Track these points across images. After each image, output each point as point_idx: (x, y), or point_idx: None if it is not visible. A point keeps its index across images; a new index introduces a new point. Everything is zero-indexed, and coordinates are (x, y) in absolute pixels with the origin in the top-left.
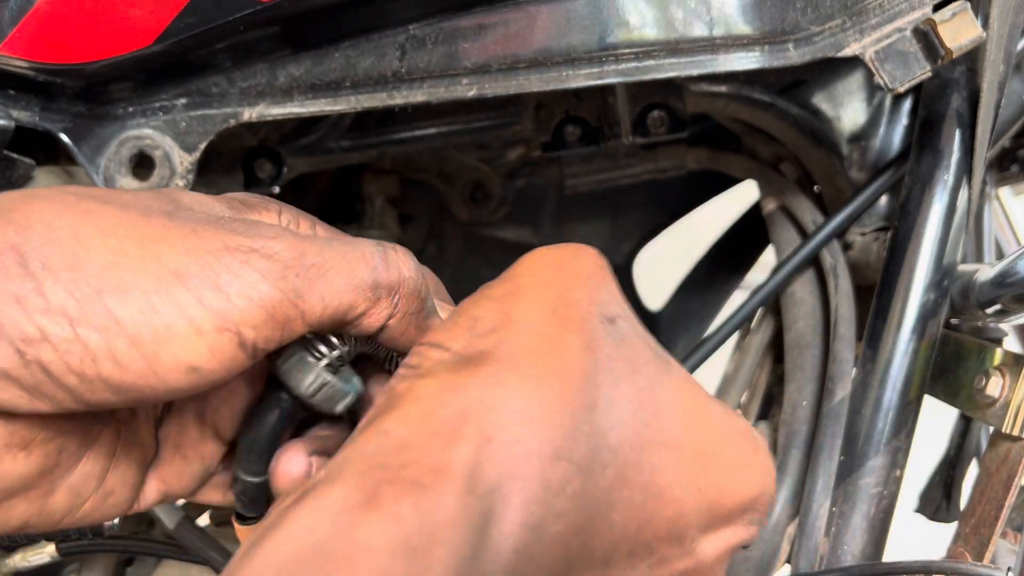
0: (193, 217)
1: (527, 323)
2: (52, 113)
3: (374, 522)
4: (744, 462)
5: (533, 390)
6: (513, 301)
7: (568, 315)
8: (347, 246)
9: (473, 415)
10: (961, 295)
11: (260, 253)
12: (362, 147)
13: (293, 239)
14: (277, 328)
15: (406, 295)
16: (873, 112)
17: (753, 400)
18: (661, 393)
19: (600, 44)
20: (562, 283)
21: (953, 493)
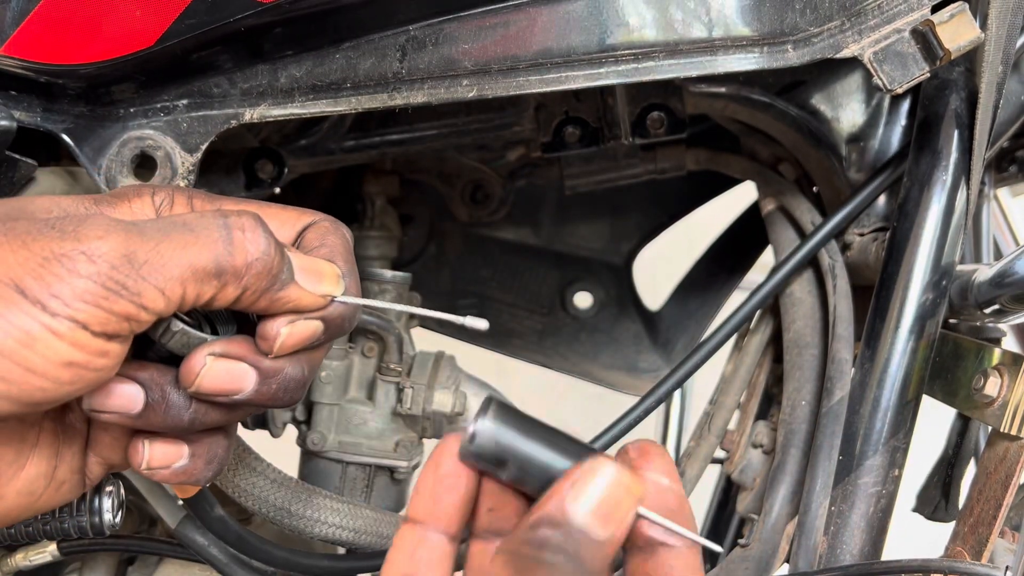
0: (26, 228)
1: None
2: (54, 114)
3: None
4: None
5: None
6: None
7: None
8: (190, 234)
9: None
10: (959, 295)
11: (86, 255)
12: (363, 148)
13: (123, 236)
14: (122, 321)
15: (254, 275)
16: (872, 113)
17: (752, 400)
18: None
19: (600, 45)
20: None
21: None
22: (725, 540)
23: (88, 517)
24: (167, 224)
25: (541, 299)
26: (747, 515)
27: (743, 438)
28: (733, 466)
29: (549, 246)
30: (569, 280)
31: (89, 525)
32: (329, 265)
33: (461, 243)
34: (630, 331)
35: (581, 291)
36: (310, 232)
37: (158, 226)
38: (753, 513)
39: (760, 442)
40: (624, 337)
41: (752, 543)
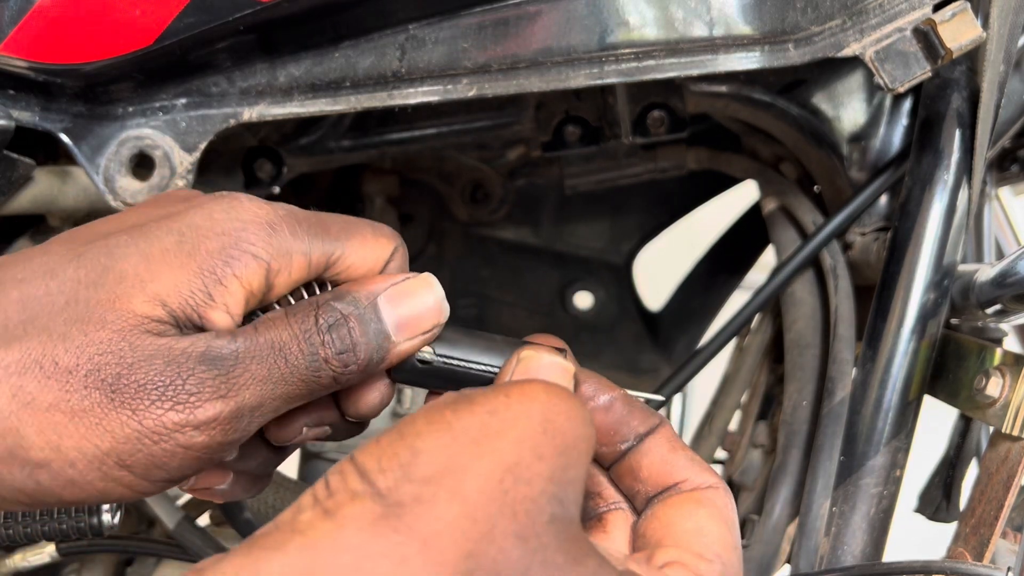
0: (135, 385)
1: (469, 491)
2: (52, 113)
3: None
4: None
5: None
6: (468, 450)
7: (516, 490)
8: (283, 365)
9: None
10: (961, 295)
11: (194, 427)
12: (362, 147)
13: (227, 395)
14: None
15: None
16: (873, 112)
17: (753, 400)
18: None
19: (600, 44)
20: (532, 448)
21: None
22: None
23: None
24: (266, 353)
25: (541, 299)
26: (748, 516)
27: (744, 439)
28: (734, 467)
29: (549, 246)
30: (569, 280)
31: (87, 526)
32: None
33: (461, 243)
34: (630, 331)
35: (581, 291)
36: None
37: (260, 359)
38: (754, 514)
39: (761, 443)
40: (624, 337)
41: (753, 544)
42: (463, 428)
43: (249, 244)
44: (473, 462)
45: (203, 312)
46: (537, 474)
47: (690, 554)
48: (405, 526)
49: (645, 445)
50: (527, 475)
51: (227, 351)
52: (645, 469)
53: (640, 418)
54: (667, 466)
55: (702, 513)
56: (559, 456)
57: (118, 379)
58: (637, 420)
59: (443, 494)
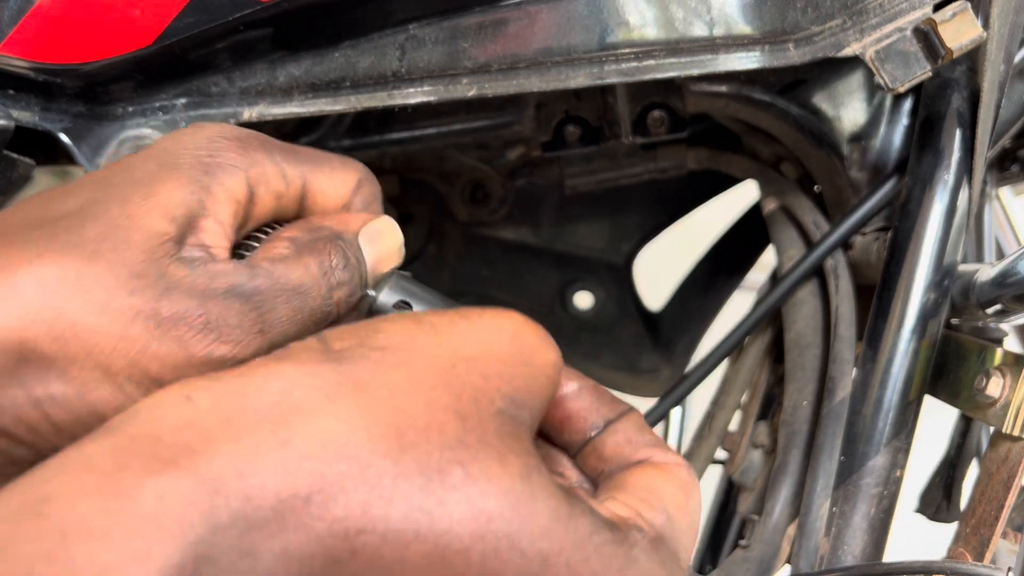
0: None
1: (417, 363)
2: (52, 113)
3: (104, 497)
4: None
5: (367, 423)
6: (428, 335)
7: (467, 378)
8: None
9: (282, 414)
10: (961, 295)
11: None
12: (362, 147)
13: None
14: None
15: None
16: (873, 112)
17: (753, 400)
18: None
19: (600, 44)
20: (496, 351)
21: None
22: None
23: None
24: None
25: (541, 299)
26: (748, 516)
27: (744, 439)
28: (734, 467)
29: (549, 246)
30: (569, 280)
31: None
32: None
33: (461, 242)
34: (630, 331)
35: (581, 291)
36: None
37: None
38: (754, 514)
39: (761, 443)
40: (624, 337)
41: (753, 544)
42: (430, 321)
43: (223, 155)
44: (431, 345)
45: (196, 223)
46: (495, 372)
47: (636, 499)
48: (345, 371)
49: (611, 427)
50: (483, 370)
51: (251, 288)
52: (609, 448)
53: (609, 405)
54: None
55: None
56: (522, 365)
57: (159, 306)
58: (606, 407)
59: (391, 359)
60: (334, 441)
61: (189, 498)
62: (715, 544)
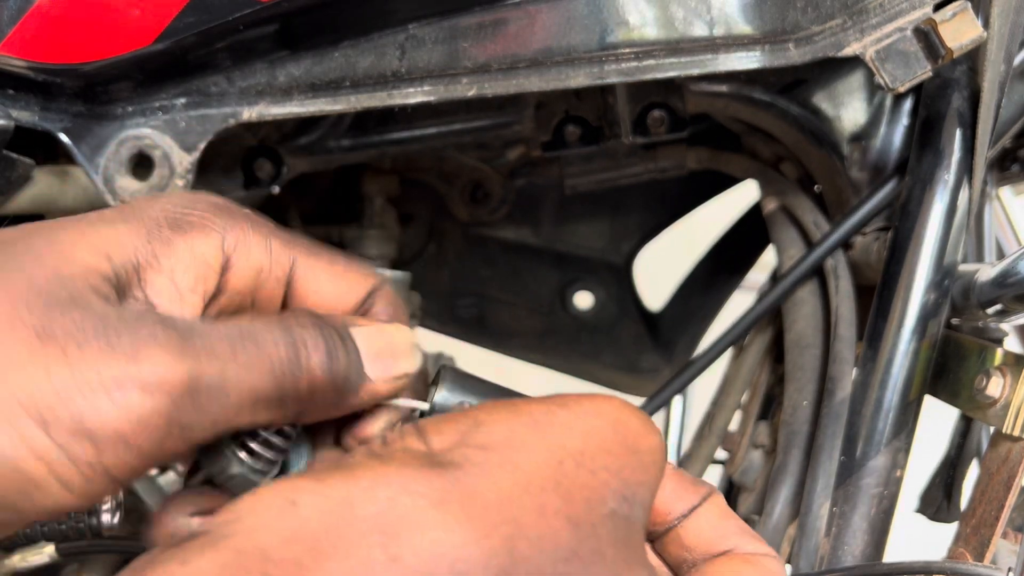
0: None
1: (524, 463)
2: (51, 113)
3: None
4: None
5: (477, 536)
6: (531, 430)
7: (576, 476)
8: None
9: (391, 526)
10: (962, 295)
11: (142, 388)
12: (362, 147)
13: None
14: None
15: (319, 396)
16: (874, 112)
17: (753, 400)
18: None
19: (600, 44)
20: (600, 442)
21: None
22: None
23: (86, 518)
24: (234, 335)
25: (541, 299)
26: (748, 516)
27: (744, 439)
28: (734, 467)
29: (549, 246)
30: (569, 280)
31: (87, 526)
32: (402, 334)
33: (461, 242)
34: (631, 331)
35: (581, 291)
36: (378, 300)
37: (225, 339)
38: (754, 514)
39: (761, 443)
40: (625, 337)
41: None
42: (530, 412)
43: (200, 213)
44: (535, 440)
45: (144, 274)
46: (603, 466)
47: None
48: (452, 477)
49: (694, 514)
50: (591, 464)
51: (183, 322)
52: (693, 537)
53: (692, 489)
54: (716, 533)
55: (747, 568)
56: (629, 454)
57: (49, 318)
58: (689, 492)
59: (497, 460)
60: (446, 556)
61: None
62: None
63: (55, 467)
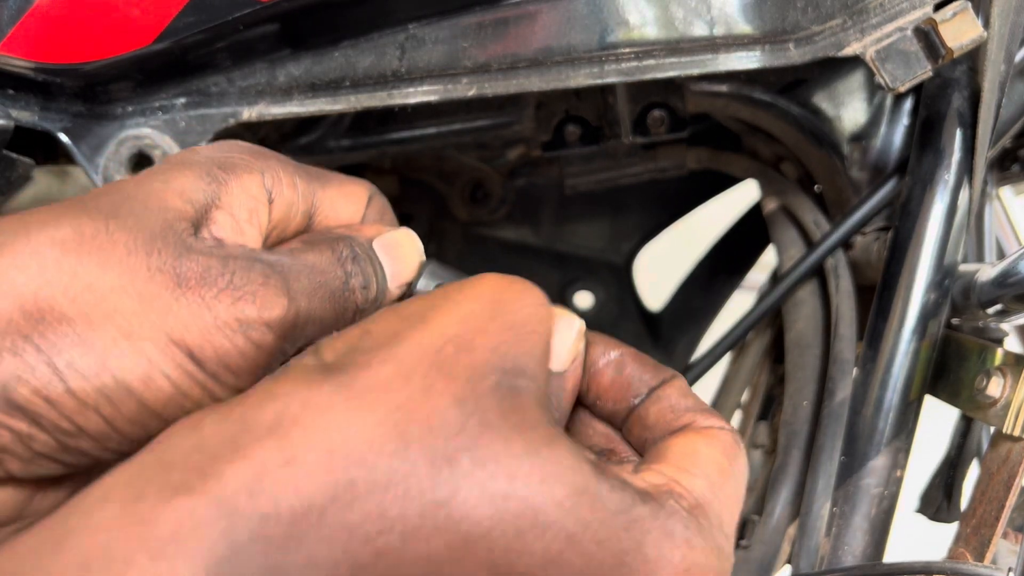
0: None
1: (406, 355)
2: (51, 113)
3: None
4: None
5: (367, 425)
6: (413, 324)
7: (456, 358)
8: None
9: (284, 431)
10: (962, 295)
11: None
12: (362, 147)
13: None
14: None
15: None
16: (874, 112)
17: (753, 400)
18: (548, 467)
19: (600, 43)
20: (477, 322)
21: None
22: None
23: None
24: (307, 269)
25: None
26: (748, 516)
27: (744, 439)
28: None
29: (549, 246)
30: (569, 280)
31: None
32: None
33: (461, 242)
34: (630, 331)
35: (581, 291)
36: (371, 208)
37: (304, 274)
38: (754, 514)
39: (761, 443)
40: (625, 337)
41: (753, 544)
42: (412, 310)
43: (239, 156)
44: (416, 333)
45: (212, 215)
46: (480, 344)
47: (673, 467)
48: (337, 381)
49: (655, 394)
50: (468, 345)
51: (274, 259)
52: (652, 416)
53: (652, 372)
54: (674, 412)
55: (700, 440)
56: (506, 330)
57: (180, 265)
58: (649, 374)
59: (380, 357)
60: (339, 450)
61: (206, 520)
62: None
63: (212, 390)
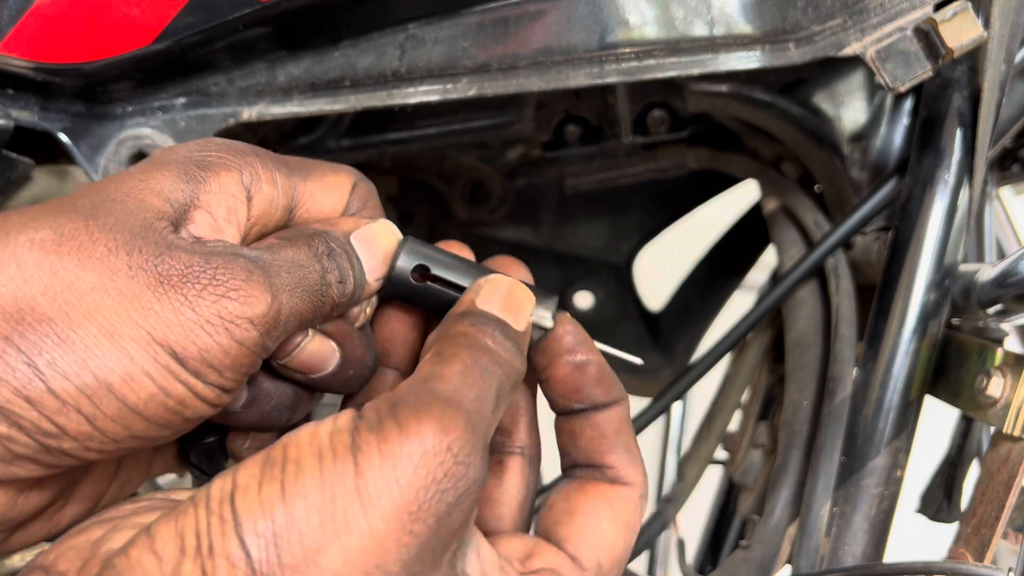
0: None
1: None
2: (51, 113)
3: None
4: None
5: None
6: (333, 526)
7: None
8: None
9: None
10: (962, 295)
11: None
12: (362, 146)
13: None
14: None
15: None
16: (874, 112)
17: (754, 400)
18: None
19: (600, 43)
20: (399, 528)
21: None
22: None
23: None
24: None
25: None
26: (749, 516)
27: (744, 439)
28: (735, 467)
29: (549, 246)
30: (569, 280)
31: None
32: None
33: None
34: (631, 331)
35: (581, 291)
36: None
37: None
38: (755, 514)
39: (761, 443)
40: (624, 337)
41: (754, 544)
42: (333, 496)
43: (216, 154)
44: (336, 546)
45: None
46: (400, 559)
47: (567, 561)
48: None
49: (596, 416)
50: (390, 566)
51: (255, 255)
52: (584, 439)
53: (604, 388)
54: (605, 445)
55: (604, 514)
56: (432, 529)
57: (161, 263)
58: (600, 389)
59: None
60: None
61: None
62: (716, 544)
63: (195, 388)
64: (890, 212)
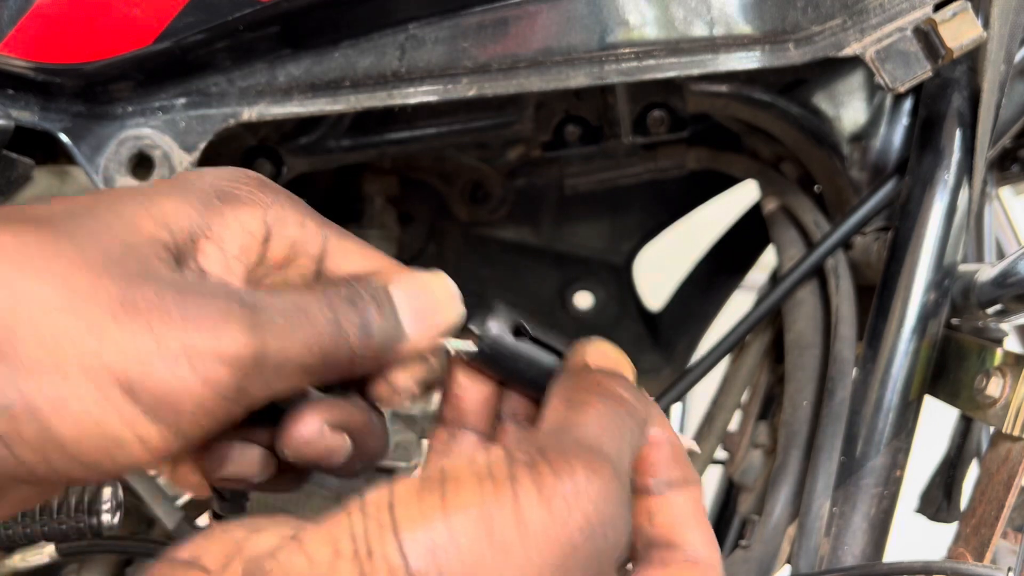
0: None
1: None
2: (51, 113)
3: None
4: None
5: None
6: (496, 557)
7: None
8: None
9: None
10: (962, 295)
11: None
12: (362, 147)
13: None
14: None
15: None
16: (874, 112)
17: (753, 400)
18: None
19: (600, 43)
20: (562, 563)
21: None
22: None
23: (86, 518)
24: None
25: (541, 299)
26: (748, 516)
27: (744, 439)
28: (734, 467)
29: (549, 246)
30: (569, 280)
31: (87, 526)
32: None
33: (461, 243)
34: (631, 331)
35: (581, 291)
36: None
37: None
38: (754, 514)
39: (761, 443)
40: (625, 337)
41: (753, 544)
42: (491, 518)
43: (243, 187)
44: (493, 569)
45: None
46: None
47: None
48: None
49: (669, 497)
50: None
51: (245, 293)
52: (658, 518)
53: (679, 469)
54: (678, 527)
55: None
56: (583, 571)
57: (129, 288)
58: (676, 470)
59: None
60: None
61: None
62: None
63: (138, 429)
64: (890, 212)
